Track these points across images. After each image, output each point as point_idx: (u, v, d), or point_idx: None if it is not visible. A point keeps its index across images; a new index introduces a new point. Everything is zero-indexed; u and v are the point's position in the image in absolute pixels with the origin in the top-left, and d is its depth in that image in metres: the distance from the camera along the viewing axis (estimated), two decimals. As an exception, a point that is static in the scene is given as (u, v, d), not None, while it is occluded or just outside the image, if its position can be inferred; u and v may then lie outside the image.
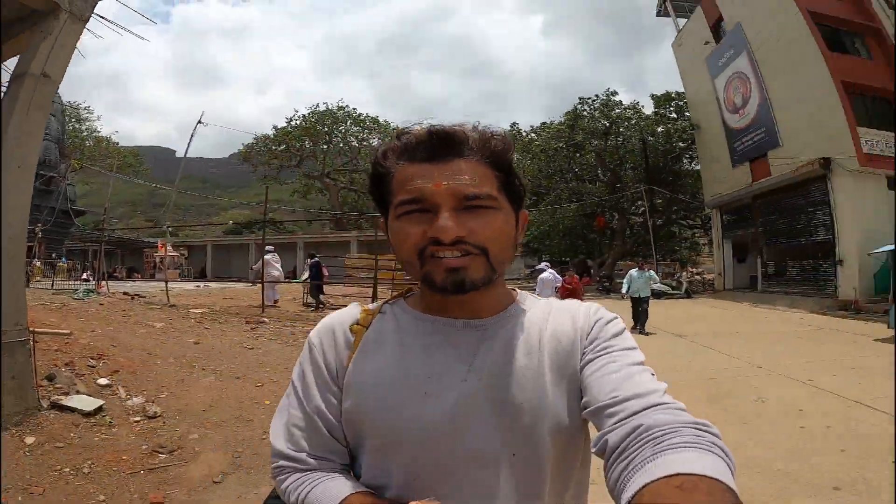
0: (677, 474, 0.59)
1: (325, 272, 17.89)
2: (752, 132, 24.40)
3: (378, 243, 19.25)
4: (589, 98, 34.05)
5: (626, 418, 0.74)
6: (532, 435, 0.85)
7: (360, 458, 0.94)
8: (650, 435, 0.68)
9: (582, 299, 10.15)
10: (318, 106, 44.61)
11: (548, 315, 0.97)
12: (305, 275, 18.32)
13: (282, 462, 0.94)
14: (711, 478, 0.58)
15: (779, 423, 5.47)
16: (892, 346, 10.44)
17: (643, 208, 33.18)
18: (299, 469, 0.92)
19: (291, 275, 29.37)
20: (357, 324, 0.99)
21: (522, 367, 0.89)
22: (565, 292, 13.53)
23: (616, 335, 0.92)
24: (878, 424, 5.21)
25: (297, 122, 44.56)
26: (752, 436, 5.03)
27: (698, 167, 36.10)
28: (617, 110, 33.11)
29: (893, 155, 18.91)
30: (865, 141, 19.20)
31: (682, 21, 31.65)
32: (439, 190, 0.84)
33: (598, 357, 0.88)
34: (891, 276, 13.72)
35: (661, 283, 26.16)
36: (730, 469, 0.62)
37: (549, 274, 13.98)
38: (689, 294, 26.28)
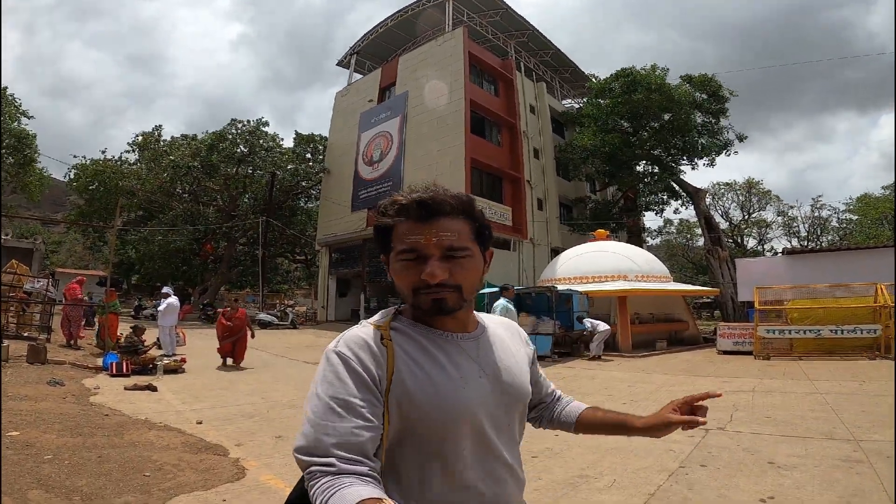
0: (588, 407, 1.51)
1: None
2: (379, 184, 27.61)
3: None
4: (241, 121, 33.12)
5: (548, 395, 1.54)
6: (520, 406, 1.29)
7: (404, 449, 1.14)
8: (558, 401, 1.55)
9: (250, 333, 11.82)
10: None
11: (499, 328, 1.38)
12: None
13: (313, 468, 1.03)
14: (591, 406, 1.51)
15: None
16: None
17: (252, 238, 33.34)
18: (329, 473, 1.00)
19: None
20: (382, 338, 1.17)
21: (507, 362, 1.28)
22: (224, 329, 11.77)
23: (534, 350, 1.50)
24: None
25: None
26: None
27: (311, 206, 38.01)
28: (262, 140, 32.88)
29: (490, 219, 23.77)
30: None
31: (357, 76, 34.09)
32: (429, 244, 1.13)
33: (535, 365, 1.47)
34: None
35: (268, 314, 26.60)
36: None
37: (175, 299, 13.57)
38: (294, 325, 27.07)
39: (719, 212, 42.13)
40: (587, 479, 4.58)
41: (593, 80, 31.16)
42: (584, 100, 32.81)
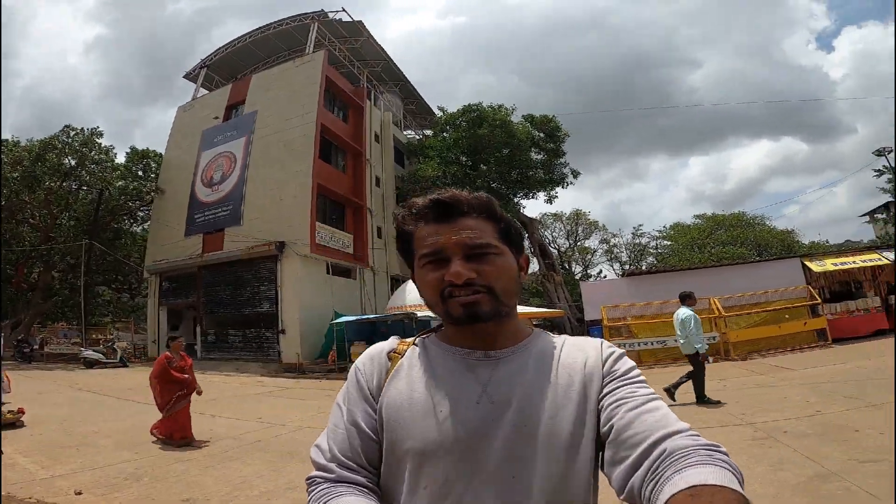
0: (691, 486, 0.75)
1: None
2: (217, 207, 25.86)
3: None
4: (75, 129, 28.65)
5: (651, 447, 0.87)
6: (537, 452, 0.98)
7: (389, 467, 1.06)
8: (672, 457, 0.83)
9: (196, 390, 8.10)
10: None
11: (560, 348, 1.13)
12: None
13: (314, 473, 1.06)
14: (716, 485, 0.74)
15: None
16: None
17: (71, 263, 30.00)
18: (328, 479, 1.03)
19: None
20: (394, 352, 1.16)
21: (533, 393, 1.03)
22: (177, 387, 7.87)
23: (629, 370, 1.07)
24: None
25: None
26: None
27: (138, 229, 34.83)
28: (93, 152, 28.95)
29: (333, 247, 24.24)
30: (319, 233, 23.42)
31: (204, 91, 31.82)
32: (450, 244, 1.05)
33: (616, 389, 1.02)
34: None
35: (94, 351, 23.58)
36: (735, 478, 0.78)
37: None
38: (124, 363, 23.92)
39: (547, 240, 44.89)
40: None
41: (442, 112, 32.16)
42: (429, 132, 33.89)
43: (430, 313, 16.13)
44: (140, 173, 32.67)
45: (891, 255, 17.73)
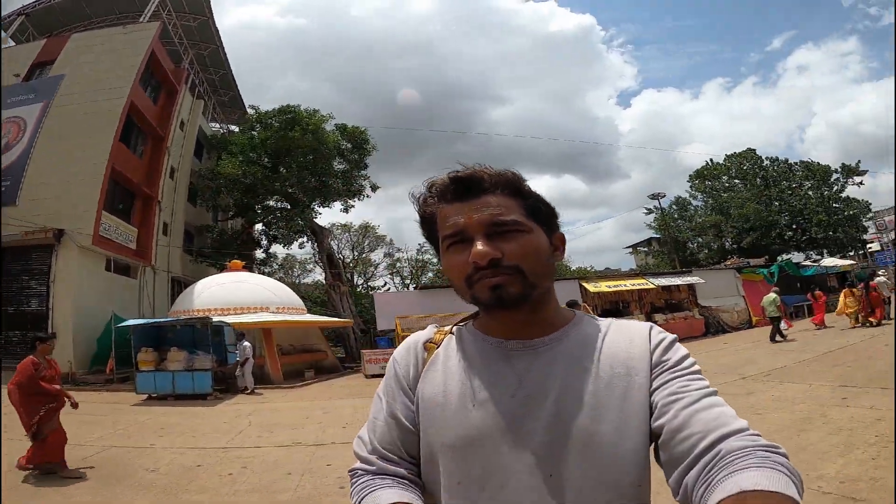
0: (741, 491, 0.70)
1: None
2: None
3: None
4: None
5: (706, 449, 0.82)
6: (576, 448, 0.92)
7: (434, 461, 1.03)
8: (726, 459, 0.78)
9: (71, 402, 6.62)
10: None
11: (603, 335, 1.04)
12: None
13: (356, 465, 1.07)
14: (767, 490, 0.69)
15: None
16: (146, 406, 12.27)
17: None
18: (368, 471, 1.04)
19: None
20: (430, 342, 1.13)
21: (573, 385, 0.96)
22: (44, 398, 6.57)
23: (681, 360, 0.99)
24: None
25: None
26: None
27: None
28: None
29: (117, 240, 21.72)
30: (104, 224, 20.77)
31: (11, 43, 26.98)
32: (471, 223, 0.99)
33: (668, 383, 0.95)
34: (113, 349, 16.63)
35: None
36: (792, 482, 0.72)
37: None
38: None
39: (335, 250, 45.46)
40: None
41: (254, 110, 30.91)
42: (236, 128, 32.55)
43: (224, 318, 15.94)
44: None
45: (657, 281, 21.88)
